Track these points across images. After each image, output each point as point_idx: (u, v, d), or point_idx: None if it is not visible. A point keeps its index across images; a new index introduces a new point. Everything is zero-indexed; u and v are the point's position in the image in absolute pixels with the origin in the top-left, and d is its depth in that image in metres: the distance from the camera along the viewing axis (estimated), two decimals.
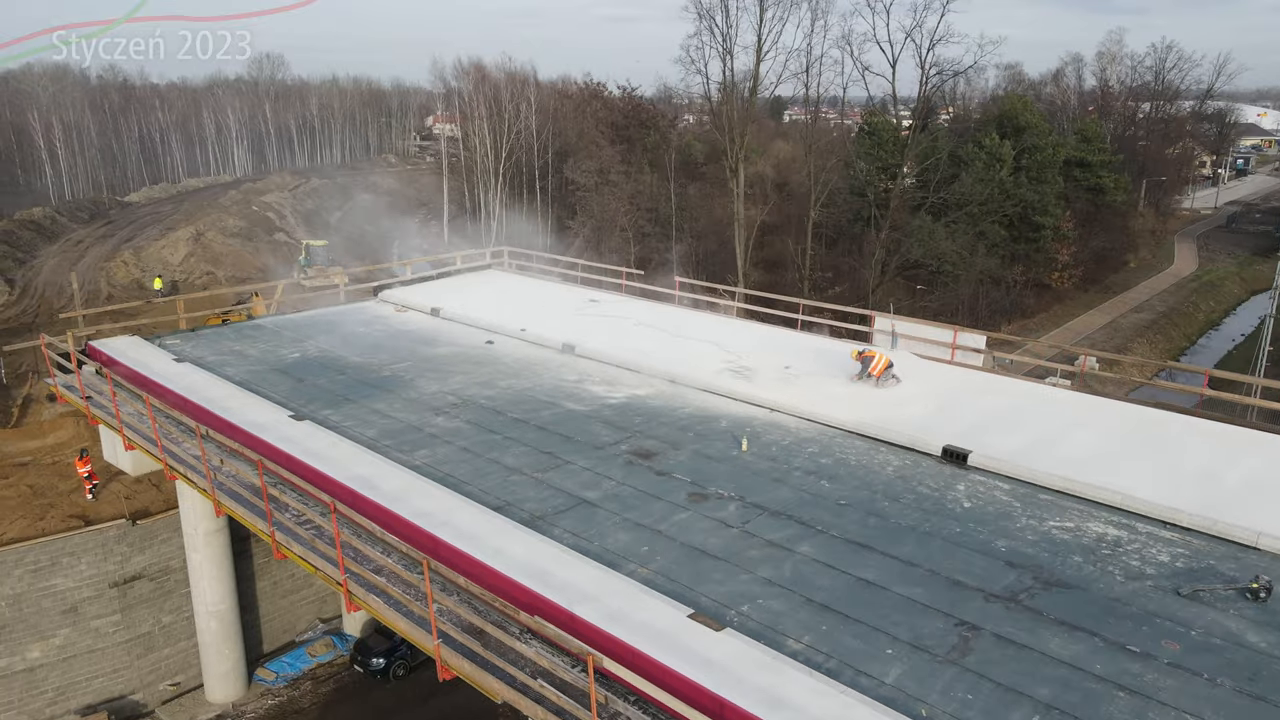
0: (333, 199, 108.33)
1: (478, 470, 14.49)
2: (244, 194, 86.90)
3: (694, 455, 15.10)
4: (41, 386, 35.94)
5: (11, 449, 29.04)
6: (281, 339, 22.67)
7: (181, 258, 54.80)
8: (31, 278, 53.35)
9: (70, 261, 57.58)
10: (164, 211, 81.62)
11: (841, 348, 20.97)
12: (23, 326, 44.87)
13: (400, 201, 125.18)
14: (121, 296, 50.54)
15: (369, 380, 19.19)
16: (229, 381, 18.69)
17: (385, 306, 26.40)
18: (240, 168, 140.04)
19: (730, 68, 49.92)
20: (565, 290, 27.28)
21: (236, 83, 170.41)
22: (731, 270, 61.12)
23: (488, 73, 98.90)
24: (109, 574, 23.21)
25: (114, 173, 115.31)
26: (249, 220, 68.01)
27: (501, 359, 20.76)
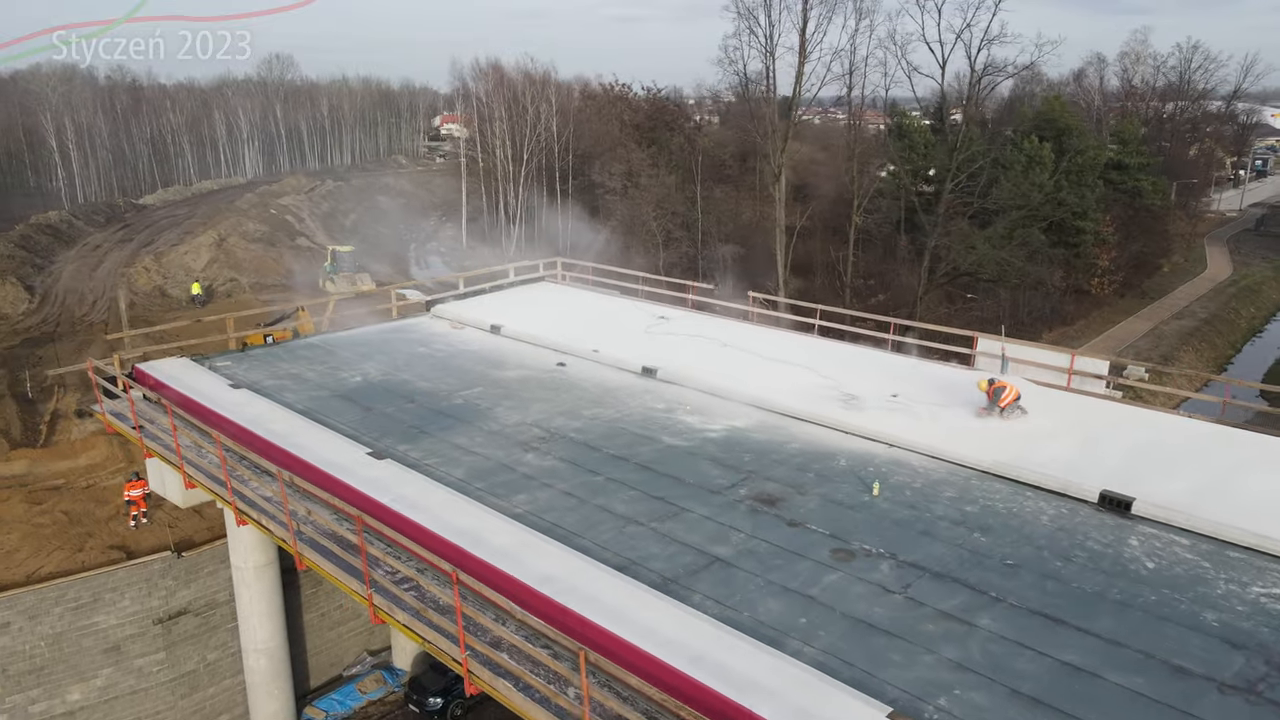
0: (348, 201, 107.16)
1: (588, 520, 13.05)
2: (260, 197, 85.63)
3: (822, 501, 13.65)
4: (69, 401, 34.61)
5: (43, 470, 27.69)
6: (338, 360, 21.25)
7: (204, 264, 53.45)
8: (51, 284, 52.05)
9: (89, 267, 56.31)
10: (180, 215, 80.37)
11: (942, 371, 19.53)
12: (45, 336, 43.59)
13: (415, 204, 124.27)
14: (144, 304, 49.28)
15: (442, 409, 17.77)
16: (292, 411, 17.28)
17: (440, 323, 24.99)
18: (251, 169, 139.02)
19: (772, 68, 48.47)
20: (628, 305, 25.83)
21: (246, 83, 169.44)
22: (766, 277, 59.69)
23: (506, 73, 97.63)
24: (153, 610, 21.82)
25: (126, 175, 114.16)
26: (269, 224, 66.69)
27: (578, 384, 19.33)
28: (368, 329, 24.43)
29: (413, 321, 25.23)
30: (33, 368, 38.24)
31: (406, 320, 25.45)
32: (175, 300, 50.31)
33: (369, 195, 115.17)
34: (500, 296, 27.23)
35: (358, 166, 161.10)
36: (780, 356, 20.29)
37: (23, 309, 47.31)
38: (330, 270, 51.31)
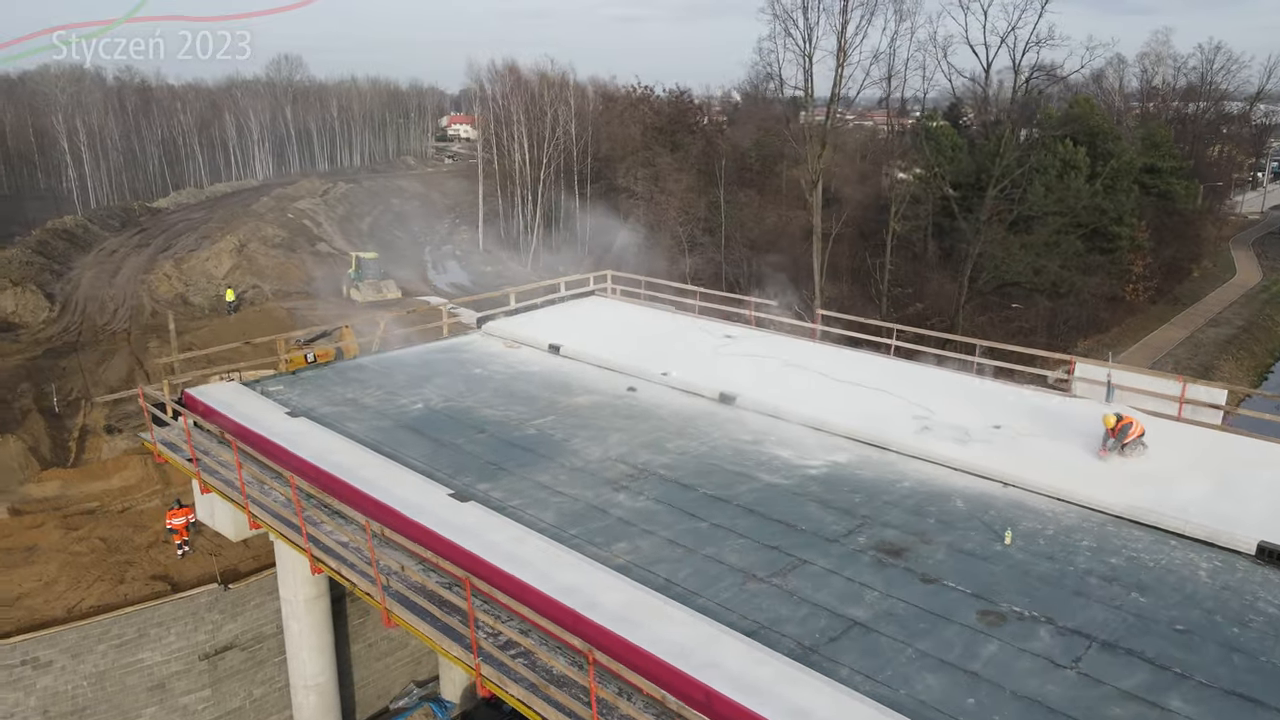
0: (363, 204, 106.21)
1: (702, 574, 11.98)
2: (276, 200, 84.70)
3: (950, 551, 12.57)
4: (96, 416, 33.63)
5: (75, 492, 26.69)
6: (394, 383, 20.20)
7: (226, 270, 52.48)
8: (70, 292, 51.10)
9: (108, 273, 55.37)
10: (195, 219, 79.44)
11: (1038, 399, 18.42)
12: (67, 346, 42.59)
13: (428, 206, 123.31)
14: (165, 311, 48.26)
15: (515, 440, 16.71)
16: (358, 443, 16.24)
17: (492, 341, 23.93)
18: (262, 171, 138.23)
19: (810, 72, 47.39)
20: (686, 322, 24.75)
21: (255, 84, 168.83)
22: (800, 285, 58.60)
23: (522, 74, 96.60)
24: (199, 645, 20.78)
25: (136, 177, 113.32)
26: (288, 229, 65.72)
27: (654, 412, 18.25)
28: (418, 349, 23.36)
29: (464, 340, 24.17)
30: (57, 380, 37.32)
31: (457, 339, 24.38)
32: (198, 308, 49.37)
33: (382, 198, 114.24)
34: (552, 313, 26.16)
35: (367, 168, 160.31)
36: (859, 379, 19.21)
37: (43, 317, 46.38)
38: (355, 277, 50.32)
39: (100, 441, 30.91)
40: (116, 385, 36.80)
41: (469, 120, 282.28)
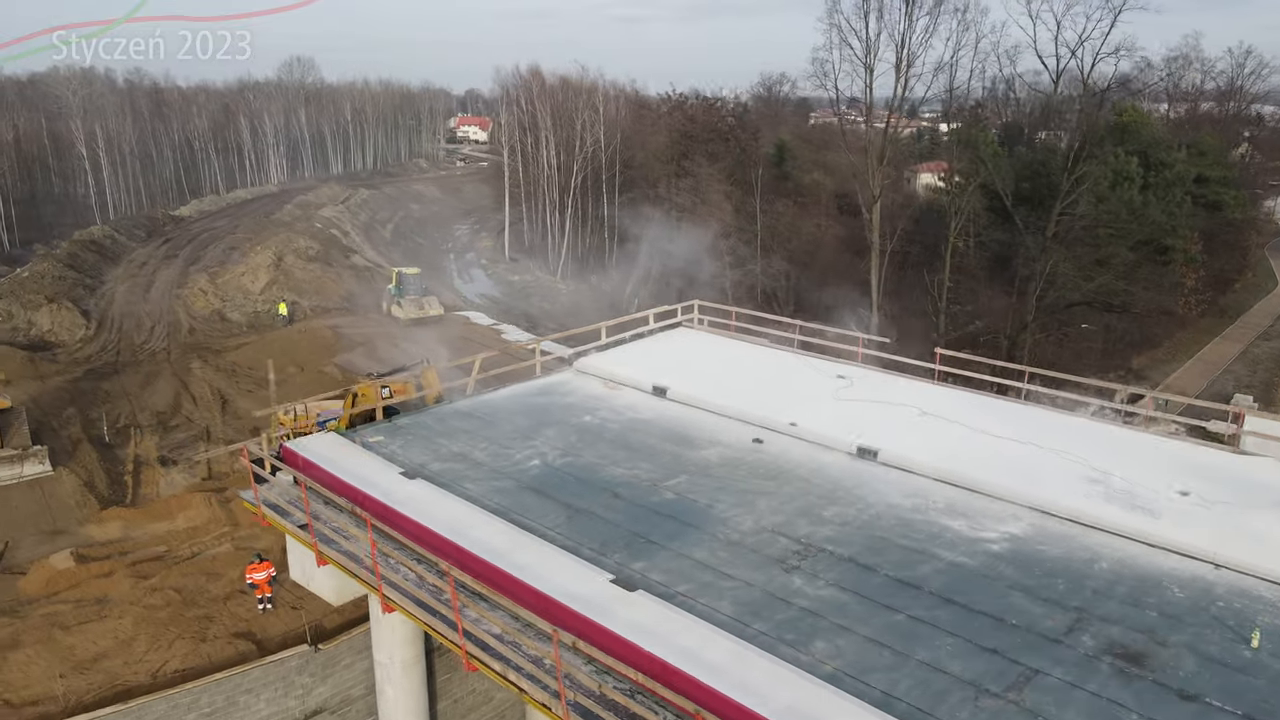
0: (383, 210, 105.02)
1: (925, 686, 10.64)
2: (299, 208, 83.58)
3: (1194, 656, 11.21)
4: (148, 446, 32.38)
5: (139, 534, 25.42)
6: (500, 433, 18.86)
7: (262, 285, 51.28)
8: (105, 308, 49.92)
9: (141, 287, 54.16)
10: (219, 228, 78.30)
11: (1200, 454, 17.06)
12: (108, 367, 41.37)
13: (446, 211, 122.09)
14: (203, 329, 47.09)
15: (654, 506, 15.37)
16: (486, 510, 14.91)
17: (588, 381, 22.57)
18: (276, 175, 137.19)
19: (870, 85, 46.01)
20: (792, 360, 23.39)
21: (267, 86, 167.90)
22: (849, 304, 57.21)
23: (548, 79, 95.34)
24: (289, 710, 19.49)
25: (153, 182, 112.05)
26: (319, 240, 64.49)
27: (792, 470, 16.91)
28: (513, 391, 21.98)
29: (558, 380, 22.80)
30: (102, 404, 36.09)
31: (551, 378, 23.01)
32: (235, 324, 48.19)
33: (402, 203, 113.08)
34: (643, 348, 24.81)
35: (380, 171, 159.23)
36: (1005, 430, 17.85)
37: (80, 335, 45.19)
38: (396, 293, 49.06)
39: (156, 474, 29.68)
40: (164, 410, 35.61)
41: (478, 121, 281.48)
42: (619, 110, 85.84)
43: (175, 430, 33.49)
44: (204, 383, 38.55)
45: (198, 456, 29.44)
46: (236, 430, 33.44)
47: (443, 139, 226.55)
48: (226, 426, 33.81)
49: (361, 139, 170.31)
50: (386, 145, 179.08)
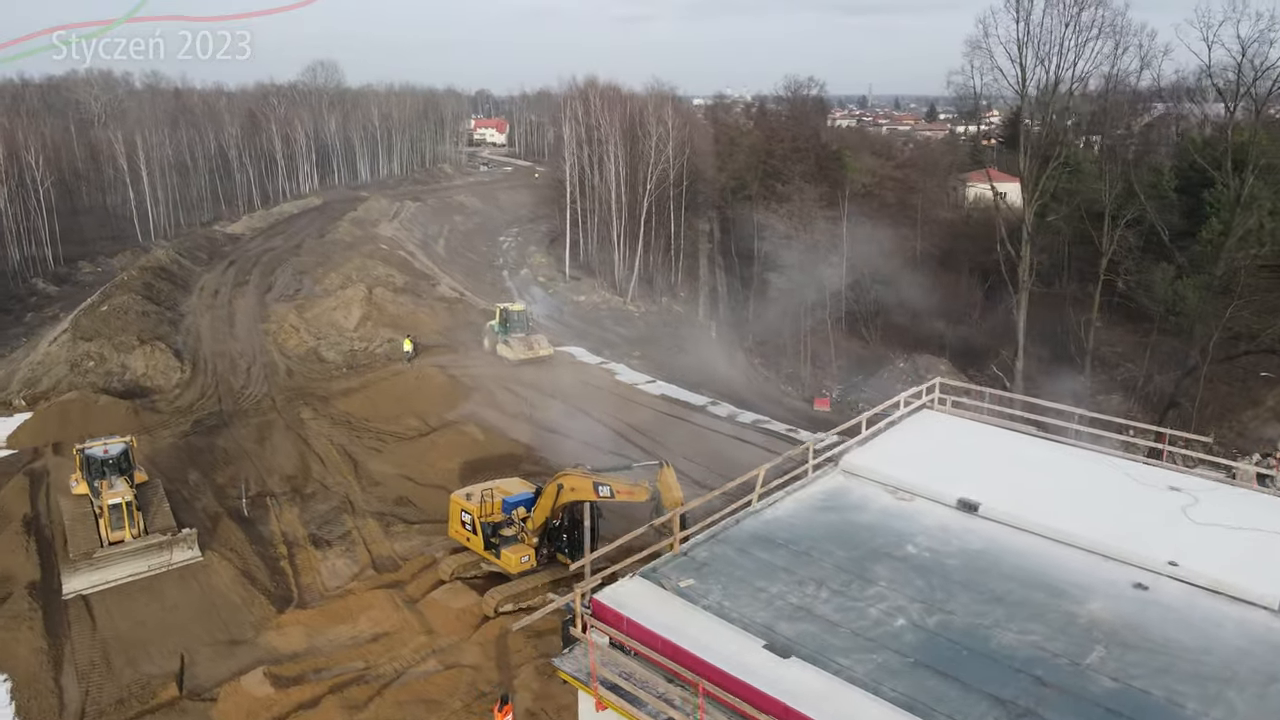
0: (431, 224, 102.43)
1: None
2: (356, 225, 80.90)
3: None
4: (289, 518, 29.68)
5: (322, 642, 22.69)
6: (823, 570, 16.00)
7: (356, 321, 48.65)
8: (193, 346, 47.27)
9: (223, 321, 51.50)
10: (279, 248, 75.63)
11: None
12: (214, 417, 38.63)
13: (489, 223, 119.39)
14: (300, 369, 44.42)
15: (1098, 698, 12.62)
16: (899, 708, 12.21)
17: (864, 485, 19.78)
18: (307, 184, 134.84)
19: (1025, 92, 42.74)
20: (1089, 461, 20.54)
21: (292, 90, 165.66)
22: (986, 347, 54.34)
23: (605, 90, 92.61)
24: None
25: (190, 193, 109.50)
26: (393, 265, 61.72)
27: (1217, 637, 14.12)
28: (793, 504, 19.21)
29: (832, 486, 19.99)
30: (221, 466, 33.44)
31: (824, 483, 20.21)
32: (332, 364, 45.52)
33: (445, 215, 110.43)
34: (896, 439, 22.00)
35: (408, 178, 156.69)
36: None
37: (175, 380, 42.58)
38: (500, 331, 46.31)
39: (313, 559, 26.98)
40: (293, 474, 32.93)
41: (494, 124, 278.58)
42: (685, 124, 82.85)
43: (312, 500, 30.81)
44: (325, 439, 35.87)
45: None
46: (379, 499, 30.80)
47: (465, 142, 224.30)
48: (367, 494, 31.13)
49: (389, 145, 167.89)
50: (412, 151, 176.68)
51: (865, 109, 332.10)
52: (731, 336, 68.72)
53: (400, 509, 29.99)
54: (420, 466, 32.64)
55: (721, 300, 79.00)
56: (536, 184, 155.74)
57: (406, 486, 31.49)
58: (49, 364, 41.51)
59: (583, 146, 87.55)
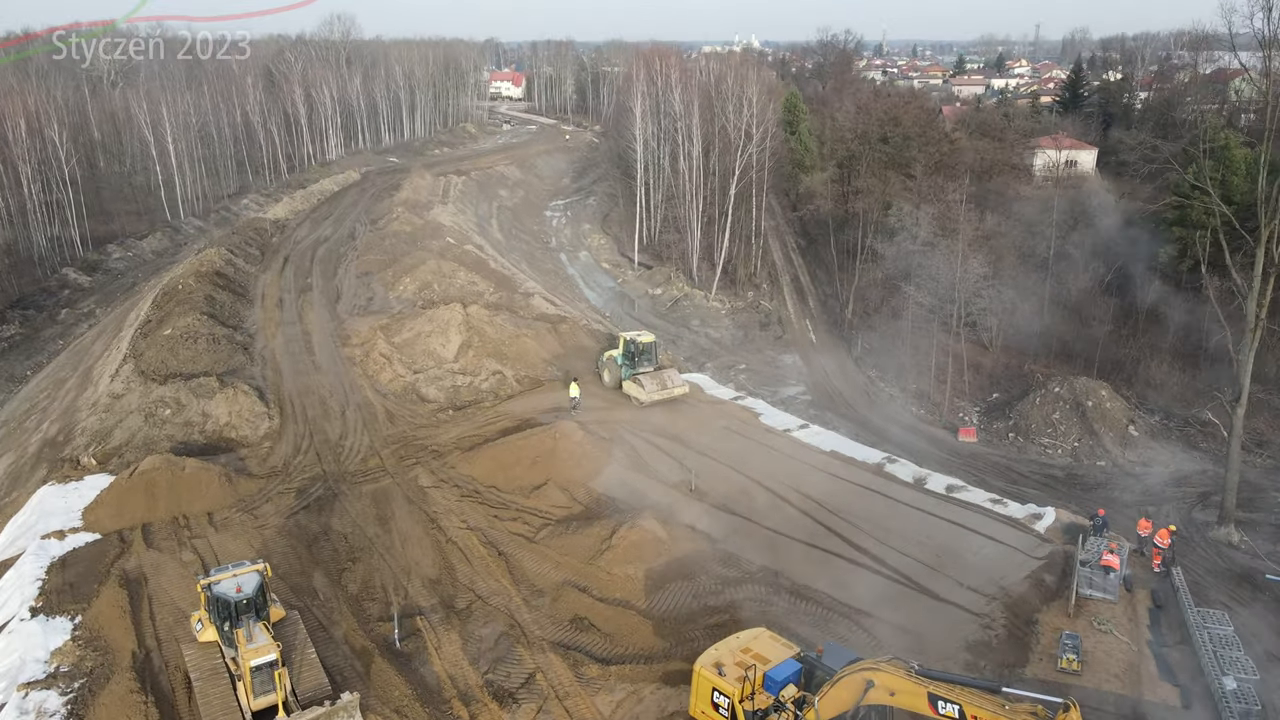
0: (480, 201, 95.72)
1: None
2: (410, 210, 74.30)
3: None
4: (453, 652, 24.19)
5: None
6: None
7: (456, 350, 42.72)
8: (274, 381, 41.44)
9: (301, 348, 45.56)
10: (330, 238, 69.34)
11: None
12: (318, 484, 32.91)
13: (532, 195, 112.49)
14: (402, 413, 38.70)
15: None
16: None
17: None
18: (335, 150, 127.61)
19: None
20: None
21: (313, 44, 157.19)
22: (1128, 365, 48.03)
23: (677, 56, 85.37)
24: None
25: (215, 163, 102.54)
26: (478, 271, 55.51)
27: None
28: None
29: None
30: (350, 564, 27.86)
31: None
32: (435, 403, 39.77)
33: (489, 190, 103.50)
34: None
35: (433, 140, 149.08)
36: None
37: (264, 429, 36.81)
38: (624, 364, 40.38)
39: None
40: (435, 575, 27.41)
41: (510, 77, 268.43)
42: (768, 94, 75.39)
43: (470, 619, 25.26)
44: (458, 519, 30.21)
45: None
46: (551, 620, 25.24)
47: (486, 98, 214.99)
48: (534, 610, 25.58)
49: (414, 103, 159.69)
50: (435, 110, 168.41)
51: (884, 58, 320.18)
52: (834, 341, 62.84)
53: (583, 637, 24.50)
54: (591, 571, 27.06)
55: (809, 294, 72.85)
56: (569, 146, 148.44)
57: (581, 601, 25.95)
58: (119, 413, 35.76)
59: (647, 120, 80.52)
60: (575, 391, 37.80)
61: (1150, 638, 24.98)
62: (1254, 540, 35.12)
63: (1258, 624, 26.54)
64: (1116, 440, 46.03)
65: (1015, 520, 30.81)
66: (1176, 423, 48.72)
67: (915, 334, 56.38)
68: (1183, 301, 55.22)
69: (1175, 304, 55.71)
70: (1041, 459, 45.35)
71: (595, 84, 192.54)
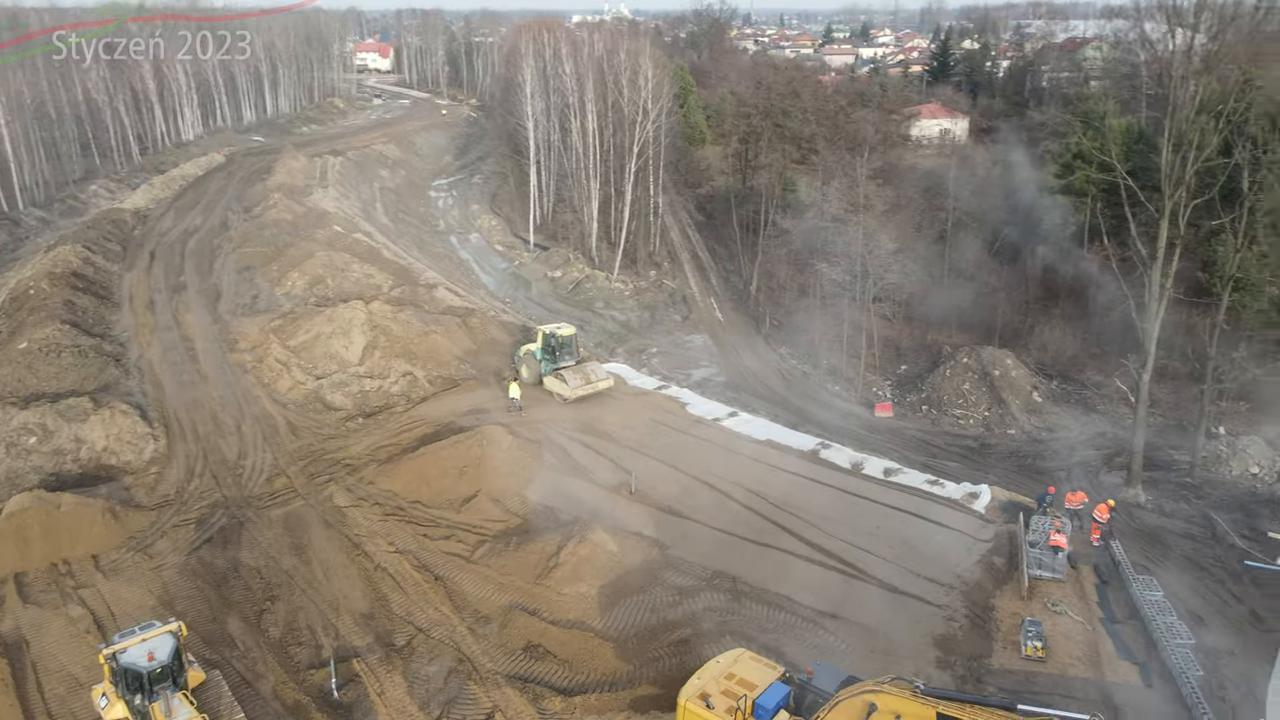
0: (360, 183, 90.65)
1: None
2: (288, 196, 69.34)
3: None
4: (398, 696, 22.05)
5: None
6: None
7: (361, 351, 39.74)
8: (156, 395, 37.46)
9: (182, 354, 41.50)
10: (201, 229, 63.92)
11: None
12: (220, 512, 29.78)
13: (414, 175, 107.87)
14: (305, 423, 35.71)
15: None
16: None
17: None
18: (190, 129, 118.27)
19: None
20: None
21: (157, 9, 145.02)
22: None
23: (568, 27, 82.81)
24: None
25: (55, 151, 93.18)
26: (372, 262, 52.09)
27: None
28: None
29: None
30: (269, 602, 25.20)
31: None
32: (342, 411, 36.91)
33: (370, 170, 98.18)
34: None
35: (299, 116, 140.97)
36: None
37: (149, 452, 33.18)
38: (544, 359, 38.46)
39: None
40: (366, 609, 25.13)
41: (377, 48, 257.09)
42: (662, 67, 73.68)
43: (413, 658, 23.07)
44: (383, 541, 27.79)
45: None
46: (503, 649, 23.38)
47: (353, 71, 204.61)
48: (481, 640, 23.64)
49: (275, 78, 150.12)
50: (299, 84, 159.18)
51: (754, 27, 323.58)
52: (741, 319, 62.38)
53: (539, 666, 22.83)
54: (540, 592, 25.33)
55: (711, 272, 72.20)
56: (447, 122, 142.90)
57: (532, 626, 24.22)
58: None
59: (536, 96, 77.51)
60: (515, 392, 35.76)
61: (1102, 615, 25.32)
62: (1157, 498, 36.65)
63: (1175, 583, 27.34)
64: (1023, 408, 47.32)
65: (955, 502, 30.87)
66: (1074, 387, 50.59)
67: (824, 309, 56.47)
68: (1070, 269, 57.38)
69: (1064, 271, 57.85)
70: (955, 430, 46.15)
71: (469, 55, 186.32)
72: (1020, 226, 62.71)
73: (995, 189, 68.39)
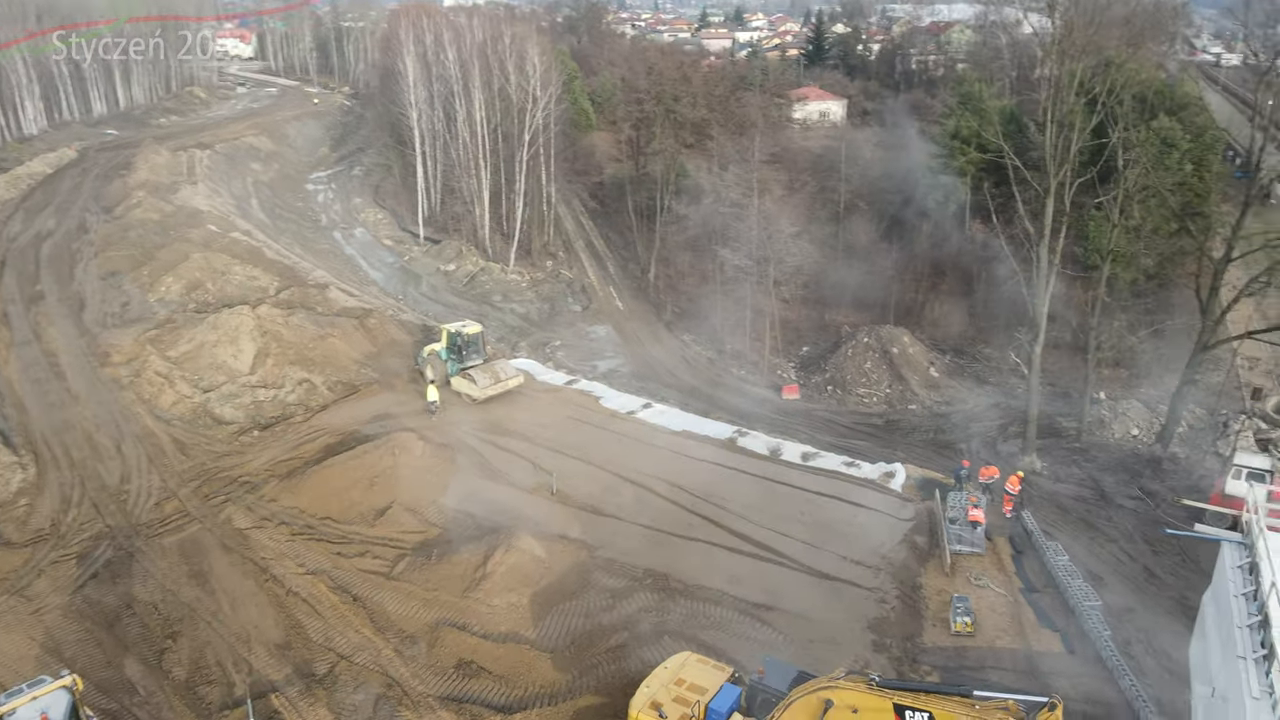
0: (232, 178, 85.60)
1: None
2: (154, 194, 64.66)
3: None
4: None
5: None
6: None
7: (252, 360, 37.35)
8: (18, 419, 34.18)
9: (42, 368, 38.07)
10: (54, 231, 58.84)
11: None
12: (107, 544, 27.38)
13: (289, 168, 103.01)
14: (194, 440, 33.29)
15: None
16: None
17: None
18: (35, 124, 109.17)
19: None
20: None
21: None
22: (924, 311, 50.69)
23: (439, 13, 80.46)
24: None
25: None
26: (255, 263, 49.08)
27: None
28: None
29: None
30: (174, 644, 23.28)
31: None
32: (234, 424, 34.60)
33: (241, 163, 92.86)
34: None
35: (156, 107, 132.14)
36: None
37: (16, 483, 30.21)
38: (449, 359, 37.04)
39: None
40: (280, 638, 23.51)
41: (238, 34, 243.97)
42: (549, 53, 72.26)
43: (336, 686, 21.66)
44: (293, 564, 26.04)
45: None
46: (433, 670, 22.24)
47: (213, 58, 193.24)
48: (409, 662, 22.44)
49: (126, 66, 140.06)
50: (154, 73, 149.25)
51: (629, 11, 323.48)
52: (642, 308, 62.06)
53: (474, 684, 21.83)
54: (468, 605, 24.25)
55: (607, 260, 71.54)
56: (320, 111, 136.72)
57: (463, 642, 23.15)
58: None
59: (418, 84, 74.78)
60: (434, 395, 34.24)
61: (1021, 585, 26.14)
62: (1051, 464, 38.33)
63: (1073, 545, 28.49)
64: (922, 383, 48.80)
65: (873, 482, 31.33)
66: (966, 360, 52.54)
67: (724, 294, 56.72)
68: (954, 246, 59.52)
69: (949, 249, 59.96)
70: (861, 409, 47.18)
71: (339, 41, 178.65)
72: (907, 206, 64.62)
73: (881, 169, 70.27)
